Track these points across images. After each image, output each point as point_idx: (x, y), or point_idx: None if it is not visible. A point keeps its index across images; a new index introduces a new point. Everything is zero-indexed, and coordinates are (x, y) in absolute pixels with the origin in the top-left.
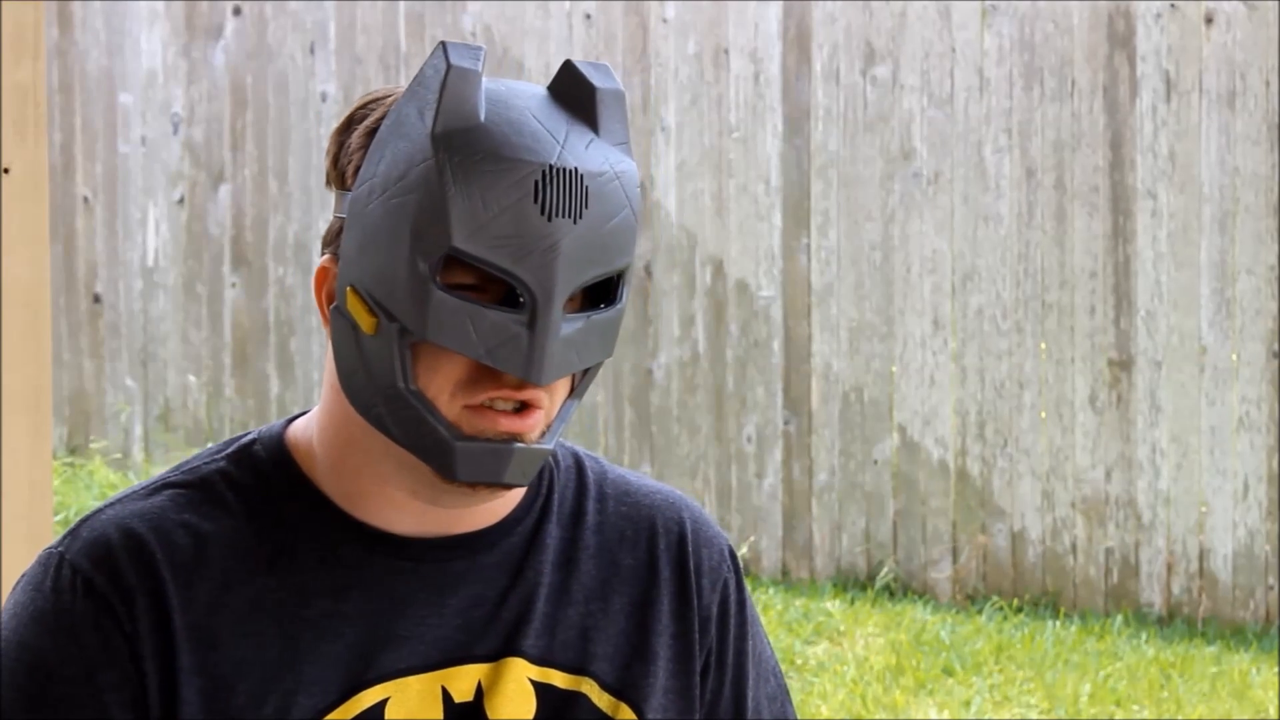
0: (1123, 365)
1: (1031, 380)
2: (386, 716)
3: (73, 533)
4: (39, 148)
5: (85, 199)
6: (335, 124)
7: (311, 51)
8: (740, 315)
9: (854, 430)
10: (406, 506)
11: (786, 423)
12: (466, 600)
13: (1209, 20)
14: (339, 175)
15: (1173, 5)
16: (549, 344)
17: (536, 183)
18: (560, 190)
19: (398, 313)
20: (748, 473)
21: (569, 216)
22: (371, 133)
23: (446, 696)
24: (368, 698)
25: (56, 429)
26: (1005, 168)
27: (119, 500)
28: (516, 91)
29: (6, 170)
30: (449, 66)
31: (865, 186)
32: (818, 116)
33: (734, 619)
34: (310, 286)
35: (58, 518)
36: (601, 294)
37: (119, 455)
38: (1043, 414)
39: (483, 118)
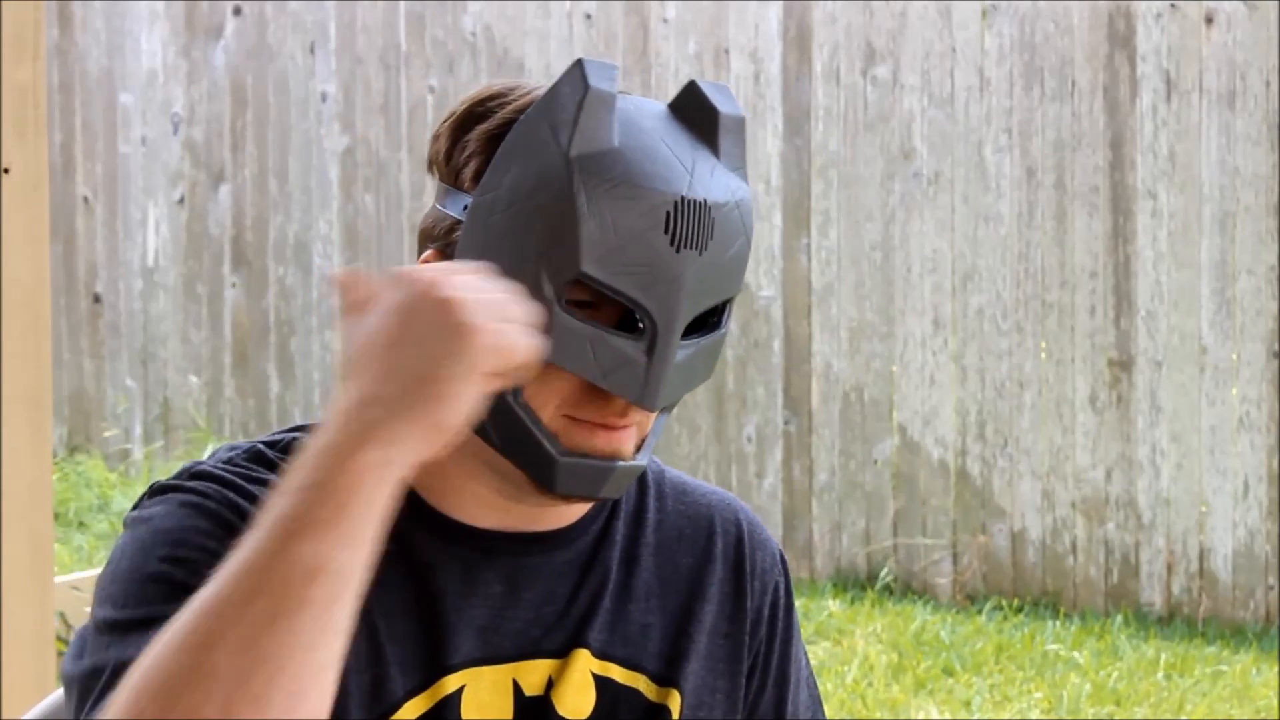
0: (1123, 365)
1: (1031, 380)
2: (463, 703)
3: (182, 472)
4: (39, 148)
5: (85, 199)
6: (450, 114)
7: (311, 51)
8: (740, 315)
9: (854, 430)
10: (488, 502)
11: (786, 423)
12: (540, 596)
13: (1209, 20)
14: (452, 172)
15: (1173, 5)
16: (666, 371)
17: (668, 213)
18: (690, 222)
19: None
20: (748, 473)
21: (696, 248)
22: (494, 138)
23: (517, 689)
24: (449, 684)
25: (56, 429)
26: (1005, 168)
27: (215, 459)
28: (644, 111)
29: (6, 170)
30: (588, 88)
31: (865, 186)
32: (818, 116)
33: (781, 622)
34: (311, 286)
35: (57, 517)
36: (708, 316)
37: (119, 455)
38: (1043, 414)
39: (616, 142)
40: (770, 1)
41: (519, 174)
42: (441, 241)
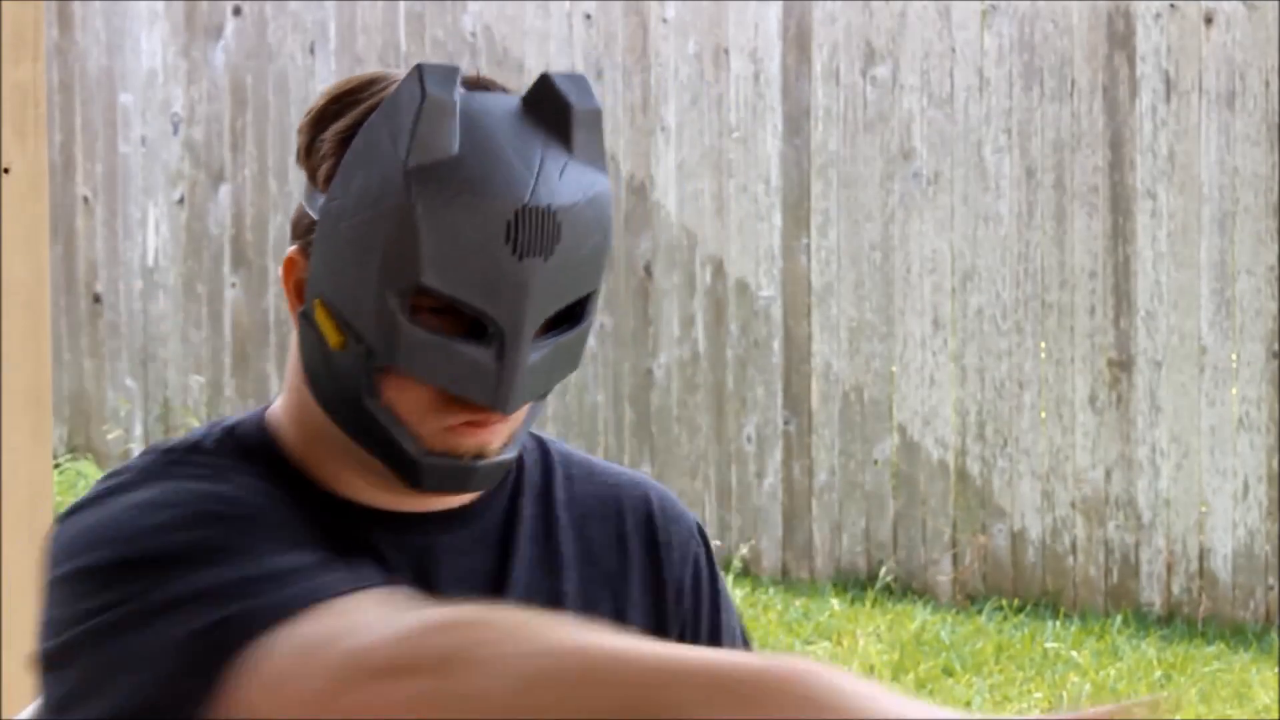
0: (1123, 365)
1: (1031, 380)
2: None
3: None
4: (39, 148)
5: (85, 199)
6: (310, 108)
7: (311, 51)
8: (740, 315)
9: (854, 430)
10: (380, 486)
11: (786, 423)
12: (454, 574)
13: (1209, 20)
14: (311, 170)
15: (1172, 5)
16: (517, 376)
17: (509, 223)
18: (532, 230)
19: (366, 337)
20: (748, 473)
21: (540, 255)
22: (343, 140)
23: None
24: None
25: (56, 429)
26: (1005, 168)
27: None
28: (492, 113)
29: (6, 170)
30: (424, 96)
31: (865, 186)
32: (818, 116)
33: (707, 591)
34: None
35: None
36: (566, 314)
37: (119, 456)
38: (1043, 414)
39: (456, 149)
40: (770, 1)
41: (363, 182)
42: (304, 240)
